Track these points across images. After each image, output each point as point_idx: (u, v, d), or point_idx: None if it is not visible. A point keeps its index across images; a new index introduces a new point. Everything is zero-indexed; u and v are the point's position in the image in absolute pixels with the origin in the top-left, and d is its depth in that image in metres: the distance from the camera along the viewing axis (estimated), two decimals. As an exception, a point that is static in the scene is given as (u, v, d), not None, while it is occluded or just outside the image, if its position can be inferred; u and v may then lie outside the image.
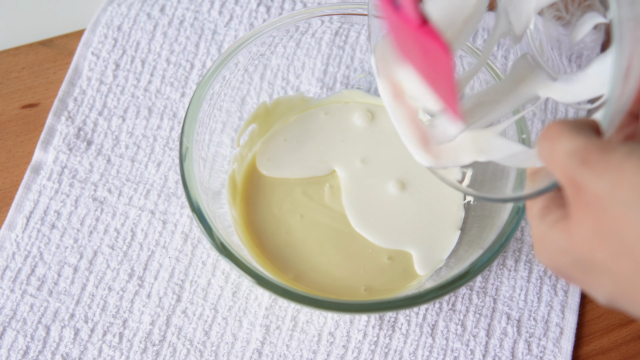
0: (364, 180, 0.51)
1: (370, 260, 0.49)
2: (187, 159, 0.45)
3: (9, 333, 0.48)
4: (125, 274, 0.50)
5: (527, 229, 0.52)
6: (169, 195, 0.52)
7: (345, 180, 0.51)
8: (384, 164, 0.52)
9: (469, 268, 0.42)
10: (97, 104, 0.55)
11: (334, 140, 0.53)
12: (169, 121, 0.55)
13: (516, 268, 0.50)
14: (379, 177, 0.51)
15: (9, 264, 0.50)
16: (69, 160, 0.53)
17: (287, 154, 0.52)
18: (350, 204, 0.50)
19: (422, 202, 0.50)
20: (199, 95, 0.46)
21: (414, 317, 0.49)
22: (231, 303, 0.49)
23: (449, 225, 0.50)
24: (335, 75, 0.56)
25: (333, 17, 0.50)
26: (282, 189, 0.51)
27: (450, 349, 0.48)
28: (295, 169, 0.51)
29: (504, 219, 0.43)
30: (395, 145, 0.52)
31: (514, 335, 0.48)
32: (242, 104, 0.52)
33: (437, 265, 0.48)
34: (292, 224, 0.50)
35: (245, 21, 0.59)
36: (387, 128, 0.53)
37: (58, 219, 0.51)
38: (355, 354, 0.48)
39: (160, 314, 0.49)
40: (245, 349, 0.48)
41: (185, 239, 0.51)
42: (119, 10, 0.59)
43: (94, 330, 0.48)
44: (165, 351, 0.48)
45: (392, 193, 0.51)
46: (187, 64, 0.57)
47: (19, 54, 0.58)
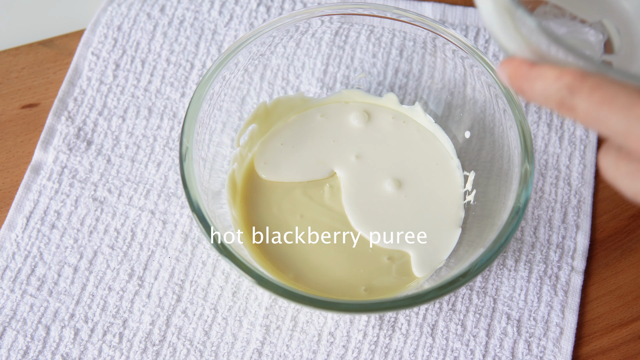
0: (364, 180, 0.51)
1: (370, 260, 0.49)
2: (187, 159, 0.44)
3: (9, 333, 0.48)
4: (125, 274, 0.50)
5: (527, 228, 0.52)
6: (169, 195, 0.52)
7: (345, 180, 0.51)
8: (383, 163, 0.52)
9: (469, 268, 0.42)
10: (97, 104, 0.55)
11: (331, 141, 0.53)
12: (169, 121, 0.55)
13: (516, 268, 0.50)
14: (379, 178, 0.51)
15: (9, 264, 0.50)
16: (69, 160, 0.53)
17: (284, 158, 0.52)
18: (350, 204, 0.50)
19: (422, 203, 0.50)
20: (199, 95, 0.46)
21: (414, 317, 0.49)
22: (231, 303, 0.49)
23: (449, 226, 0.50)
24: (335, 75, 0.56)
25: (333, 17, 0.50)
26: (282, 189, 0.51)
27: (450, 349, 0.48)
28: (294, 173, 0.51)
29: (504, 219, 0.43)
30: (393, 145, 0.52)
31: (514, 335, 0.48)
32: (242, 104, 0.52)
33: (436, 266, 0.48)
34: (292, 224, 0.50)
35: (245, 21, 0.59)
36: (385, 127, 0.53)
37: (58, 219, 0.51)
38: (355, 354, 0.48)
39: (160, 314, 0.49)
40: (245, 349, 0.48)
41: (185, 239, 0.51)
42: (119, 10, 0.59)
43: (94, 330, 0.48)
44: (165, 351, 0.48)
45: (392, 193, 0.51)
46: (187, 64, 0.57)
47: (19, 54, 0.58)
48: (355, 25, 0.53)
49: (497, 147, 0.48)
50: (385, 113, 0.54)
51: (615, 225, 0.53)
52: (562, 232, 0.52)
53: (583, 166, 0.54)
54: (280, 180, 0.51)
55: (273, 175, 0.51)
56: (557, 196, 0.53)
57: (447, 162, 0.52)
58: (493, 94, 0.48)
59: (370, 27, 0.56)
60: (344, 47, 0.57)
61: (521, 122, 0.45)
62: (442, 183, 0.51)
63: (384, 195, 0.51)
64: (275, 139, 0.53)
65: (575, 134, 0.55)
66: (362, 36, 0.57)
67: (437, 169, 0.52)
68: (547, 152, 0.54)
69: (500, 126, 0.48)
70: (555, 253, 0.51)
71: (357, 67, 0.56)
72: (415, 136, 0.53)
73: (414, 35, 0.51)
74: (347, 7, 0.49)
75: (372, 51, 0.57)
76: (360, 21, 0.51)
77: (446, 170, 0.52)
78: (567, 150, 0.54)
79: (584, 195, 0.53)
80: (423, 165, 0.52)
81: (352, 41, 0.57)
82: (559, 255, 0.51)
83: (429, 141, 0.53)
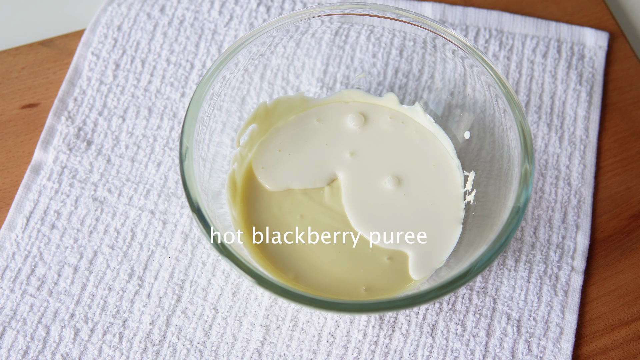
0: (364, 180, 0.51)
1: (370, 260, 0.49)
2: (187, 159, 0.44)
3: (9, 333, 0.48)
4: (125, 274, 0.50)
5: (527, 229, 0.52)
6: (169, 195, 0.52)
7: (344, 180, 0.51)
8: (383, 163, 0.52)
9: (469, 268, 0.42)
10: (97, 104, 0.55)
11: (325, 144, 0.52)
12: (169, 121, 0.55)
13: (516, 268, 0.50)
14: (379, 178, 0.51)
15: (9, 264, 0.50)
16: (69, 160, 0.53)
17: (282, 165, 0.52)
18: (350, 204, 0.50)
19: (422, 203, 0.50)
20: (199, 95, 0.46)
21: (414, 317, 0.49)
22: (231, 303, 0.49)
23: (449, 226, 0.50)
24: (335, 75, 0.56)
25: (333, 17, 0.50)
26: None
27: (450, 349, 0.48)
28: (293, 180, 0.51)
29: (504, 219, 0.43)
30: (392, 145, 0.52)
31: (514, 335, 0.48)
32: (242, 104, 0.52)
33: (436, 266, 0.48)
34: (292, 224, 0.50)
35: (245, 21, 0.59)
36: (384, 127, 0.53)
37: (58, 219, 0.51)
38: (355, 354, 0.48)
39: (160, 314, 0.49)
40: (245, 349, 0.48)
41: (185, 239, 0.51)
42: (119, 10, 0.59)
43: (94, 330, 0.48)
44: (165, 351, 0.48)
45: (392, 193, 0.51)
46: (187, 64, 0.57)
47: (19, 54, 0.58)
48: (355, 25, 0.53)
49: (497, 147, 0.48)
50: (384, 113, 0.54)
51: (615, 225, 0.53)
52: (562, 232, 0.52)
53: (583, 166, 0.54)
54: (280, 190, 0.51)
55: (274, 185, 0.51)
56: (557, 196, 0.53)
57: (447, 162, 0.52)
58: (493, 94, 0.48)
59: (370, 27, 0.56)
60: (344, 47, 0.57)
61: (521, 122, 0.45)
62: (442, 183, 0.51)
63: (384, 196, 0.51)
64: (272, 144, 0.52)
65: (575, 134, 0.55)
66: (362, 36, 0.57)
67: (437, 169, 0.52)
68: (547, 152, 0.54)
69: (500, 126, 0.48)
70: (555, 253, 0.51)
71: (357, 67, 0.56)
72: (414, 136, 0.53)
73: (414, 35, 0.51)
74: (347, 7, 0.49)
75: (372, 51, 0.57)
76: (360, 21, 0.51)
77: (446, 170, 0.52)
78: (567, 150, 0.54)
79: (584, 195, 0.53)
80: (423, 165, 0.52)
81: (352, 41, 0.57)
82: (559, 255, 0.51)
83: (428, 141, 0.53)
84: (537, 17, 0.60)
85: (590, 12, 0.61)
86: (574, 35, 0.59)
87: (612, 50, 0.59)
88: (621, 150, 0.55)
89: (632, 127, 0.56)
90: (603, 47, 0.59)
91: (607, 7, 0.61)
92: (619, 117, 0.57)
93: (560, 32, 0.59)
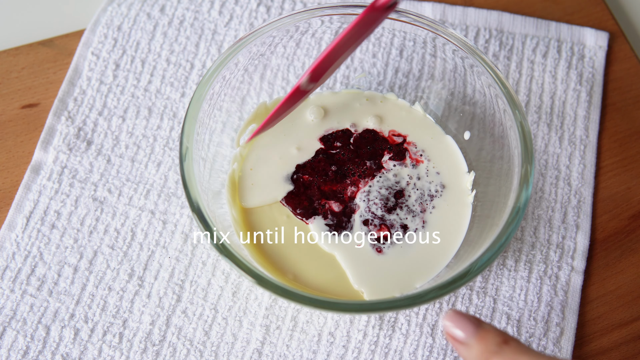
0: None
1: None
2: (187, 159, 0.44)
3: (9, 333, 0.48)
4: (125, 274, 0.50)
5: (527, 228, 0.52)
6: (169, 195, 0.52)
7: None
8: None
9: (469, 268, 0.42)
10: (97, 104, 0.55)
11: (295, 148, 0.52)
12: (169, 121, 0.55)
13: (516, 268, 0.50)
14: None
15: (9, 264, 0.50)
16: (69, 160, 0.53)
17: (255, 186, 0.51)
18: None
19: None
20: (199, 95, 0.46)
21: (414, 317, 0.49)
22: (231, 303, 0.49)
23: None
24: (335, 75, 0.56)
25: (333, 17, 0.50)
26: (282, 189, 0.51)
27: (451, 349, 0.48)
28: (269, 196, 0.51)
29: (504, 219, 0.43)
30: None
31: (514, 335, 0.48)
32: (242, 104, 0.52)
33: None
34: (290, 224, 0.50)
35: (245, 21, 0.59)
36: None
37: (58, 219, 0.51)
38: (355, 354, 0.48)
39: (160, 314, 0.49)
40: (245, 349, 0.48)
41: (185, 239, 0.51)
42: (119, 10, 0.59)
43: (94, 330, 0.48)
44: (165, 351, 0.48)
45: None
46: (187, 64, 0.57)
47: (19, 54, 0.58)
48: (355, 25, 0.53)
49: (497, 147, 0.48)
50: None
51: (615, 225, 0.53)
52: (562, 232, 0.52)
53: (583, 166, 0.54)
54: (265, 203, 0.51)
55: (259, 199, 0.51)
56: (557, 196, 0.53)
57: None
58: (493, 94, 0.48)
59: (370, 27, 0.56)
60: (344, 47, 0.57)
61: (521, 122, 0.45)
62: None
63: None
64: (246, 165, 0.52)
65: (575, 134, 0.55)
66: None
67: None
68: (547, 152, 0.54)
69: (500, 126, 0.48)
70: (555, 253, 0.51)
71: (357, 67, 0.56)
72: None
73: (414, 35, 0.51)
74: (347, 7, 0.49)
75: (372, 51, 0.57)
76: (360, 21, 0.50)
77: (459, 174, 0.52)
78: (567, 150, 0.54)
79: (584, 195, 0.53)
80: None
81: (352, 41, 0.57)
82: (559, 255, 0.51)
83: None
84: (537, 17, 0.60)
85: (590, 12, 0.61)
86: (574, 35, 0.59)
87: (612, 50, 0.59)
88: (621, 150, 0.55)
89: (632, 127, 0.56)
90: (603, 47, 0.59)
91: (607, 7, 0.61)
92: (619, 117, 0.57)
93: (560, 32, 0.59)
